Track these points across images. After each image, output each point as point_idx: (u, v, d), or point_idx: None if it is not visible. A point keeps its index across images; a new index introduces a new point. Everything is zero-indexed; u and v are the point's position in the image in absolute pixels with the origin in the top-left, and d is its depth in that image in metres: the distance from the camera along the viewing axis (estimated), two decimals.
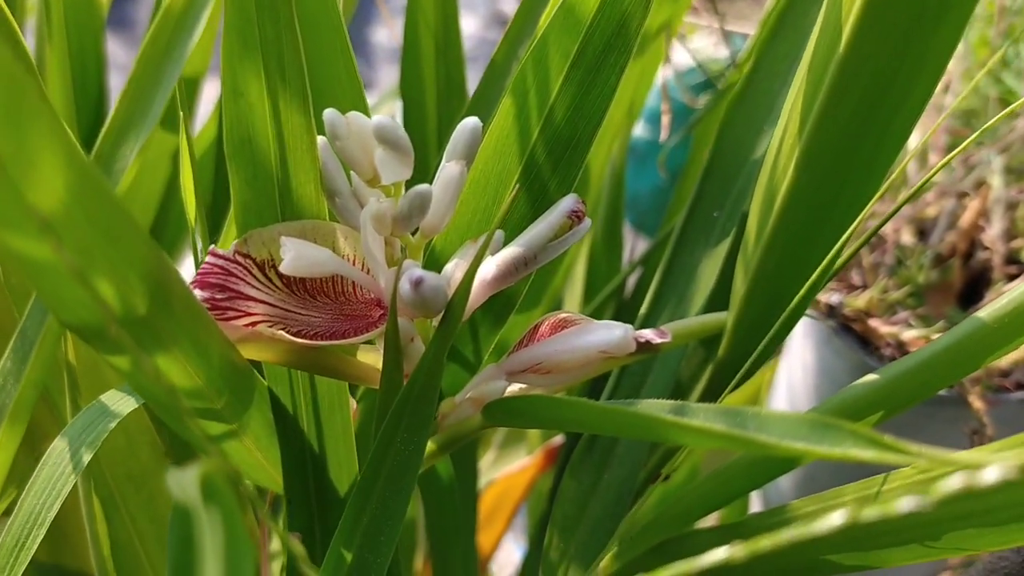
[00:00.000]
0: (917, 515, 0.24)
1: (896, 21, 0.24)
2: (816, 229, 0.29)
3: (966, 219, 0.61)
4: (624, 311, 0.53)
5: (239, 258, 0.26)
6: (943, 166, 0.28)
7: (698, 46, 1.03)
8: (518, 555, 0.90)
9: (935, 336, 0.48)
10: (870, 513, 0.20)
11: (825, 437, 0.19)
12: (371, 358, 0.31)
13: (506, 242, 0.30)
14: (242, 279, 0.26)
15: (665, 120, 0.54)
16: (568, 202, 0.30)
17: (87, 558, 0.40)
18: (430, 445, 0.32)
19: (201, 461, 0.16)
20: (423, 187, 0.25)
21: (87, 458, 0.29)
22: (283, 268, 0.25)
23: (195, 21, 0.33)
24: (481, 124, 0.27)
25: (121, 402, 0.31)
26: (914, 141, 0.65)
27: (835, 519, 0.20)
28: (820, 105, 0.26)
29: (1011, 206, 0.61)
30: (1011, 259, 0.61)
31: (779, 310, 0.31)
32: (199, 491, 0.16)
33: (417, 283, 0.25)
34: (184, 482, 0.16)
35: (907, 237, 0.60)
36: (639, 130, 1.21)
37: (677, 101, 0.80)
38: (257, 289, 0.27)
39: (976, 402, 0.49)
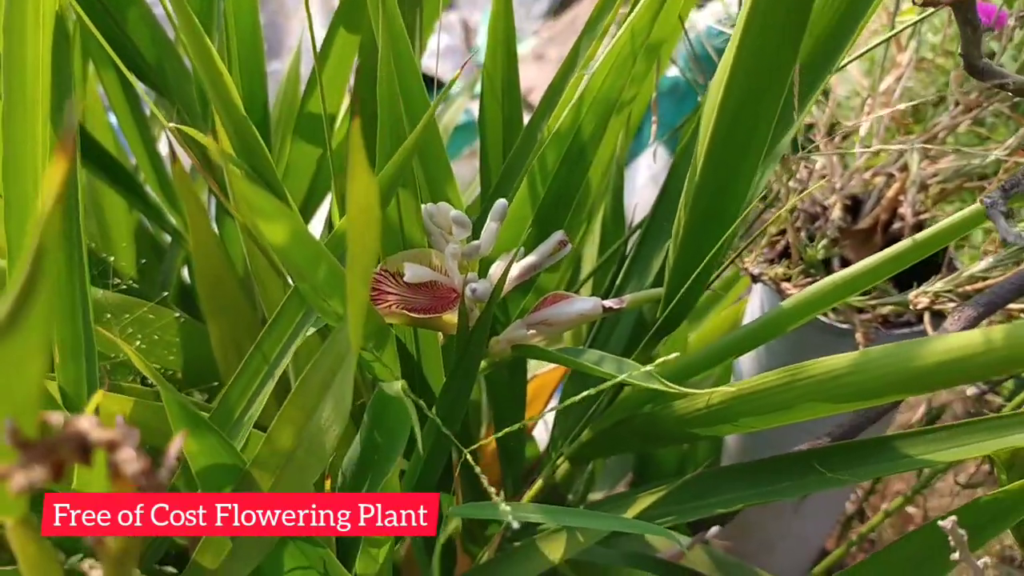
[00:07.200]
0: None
1: (726, 151, 0.46)
2: (696, 257, 0.51)
3: (888, 195, 0.81)
4: (626, 264, 0.76)
5: (383, 272, 0.51)
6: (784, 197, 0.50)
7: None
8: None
9: None
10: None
11: (621, 369, 0.43)
12: (450, 318, 0.55)
13: (527, 252, 0.54)
14: (384, 283, 0.51)
15: (654, 129, 0.75)
16: (557, 235, 0.53)
17: None
18: (484, 363, 0.57)
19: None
20: (476, 244, 0.49)
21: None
22: (406, 279, 0.50)
23: None
24: (507, 204, 0.50)
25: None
26: (863, 129, 0.84)
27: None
28: (692, 194, 0.49)
29: (923, 187, 0.80)
30: (919, 227, 0.81)
31: (687, 291, 0.54)
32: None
33: (474, 291, 0.49)
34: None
35: (837, 212, 0.80)
36: (677, 72, 1.43)
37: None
38: (391, 288, 0.51)
39: (859, 337, 0.71)
